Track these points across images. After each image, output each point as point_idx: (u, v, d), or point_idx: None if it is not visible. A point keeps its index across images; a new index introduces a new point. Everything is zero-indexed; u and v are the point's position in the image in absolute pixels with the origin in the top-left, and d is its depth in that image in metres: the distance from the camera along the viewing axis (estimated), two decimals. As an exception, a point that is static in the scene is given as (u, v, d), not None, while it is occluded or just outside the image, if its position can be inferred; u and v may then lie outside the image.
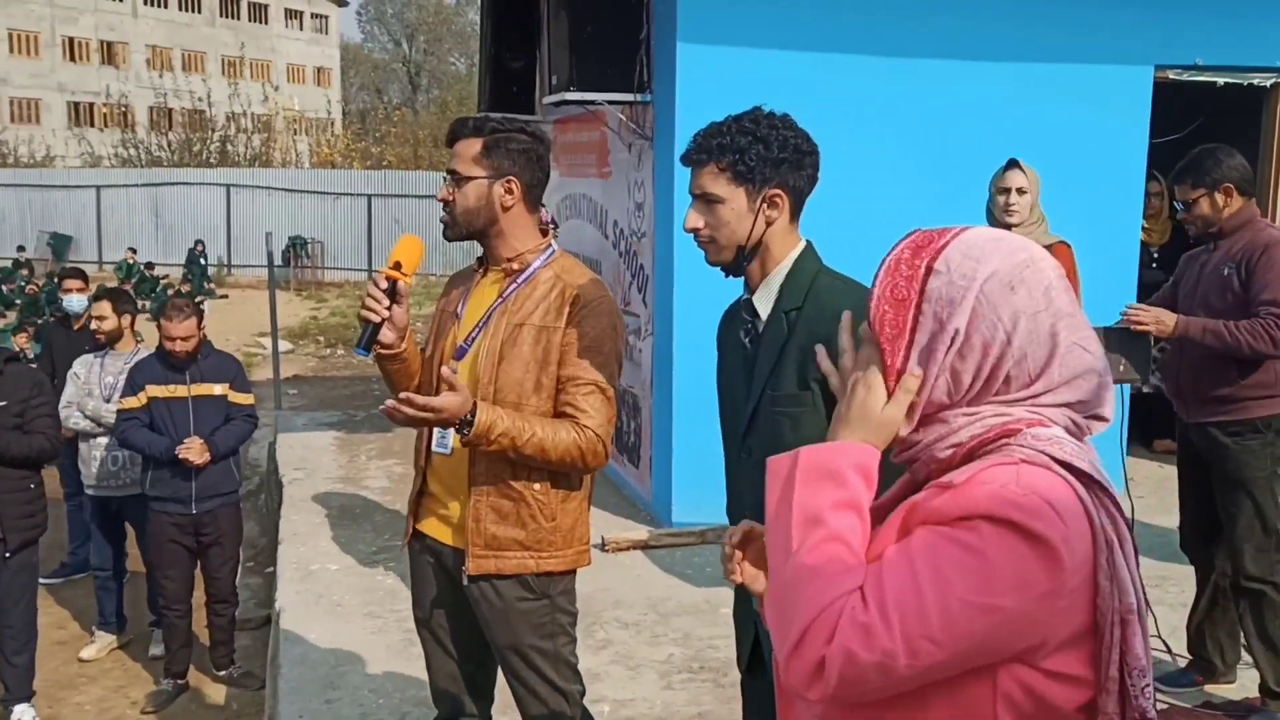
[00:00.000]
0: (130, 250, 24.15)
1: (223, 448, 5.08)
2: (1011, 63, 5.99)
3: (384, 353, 2.66)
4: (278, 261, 16.42)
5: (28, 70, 42.12)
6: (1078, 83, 6.05)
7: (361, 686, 4.22)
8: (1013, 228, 4.14)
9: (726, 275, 2.32)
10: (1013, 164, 4.31)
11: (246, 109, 36.13)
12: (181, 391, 5.06)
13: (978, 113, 5.92)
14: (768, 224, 2.24)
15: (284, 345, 14.09)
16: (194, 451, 4.96)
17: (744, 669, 2.42)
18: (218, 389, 5.14)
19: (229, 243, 27.12)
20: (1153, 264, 7.09)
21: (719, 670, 4.26)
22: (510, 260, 2.67)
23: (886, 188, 5.70)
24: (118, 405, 5.17)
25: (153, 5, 46.45)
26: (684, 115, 5.58)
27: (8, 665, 4.79)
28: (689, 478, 5.76)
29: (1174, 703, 3.98)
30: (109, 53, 44.81)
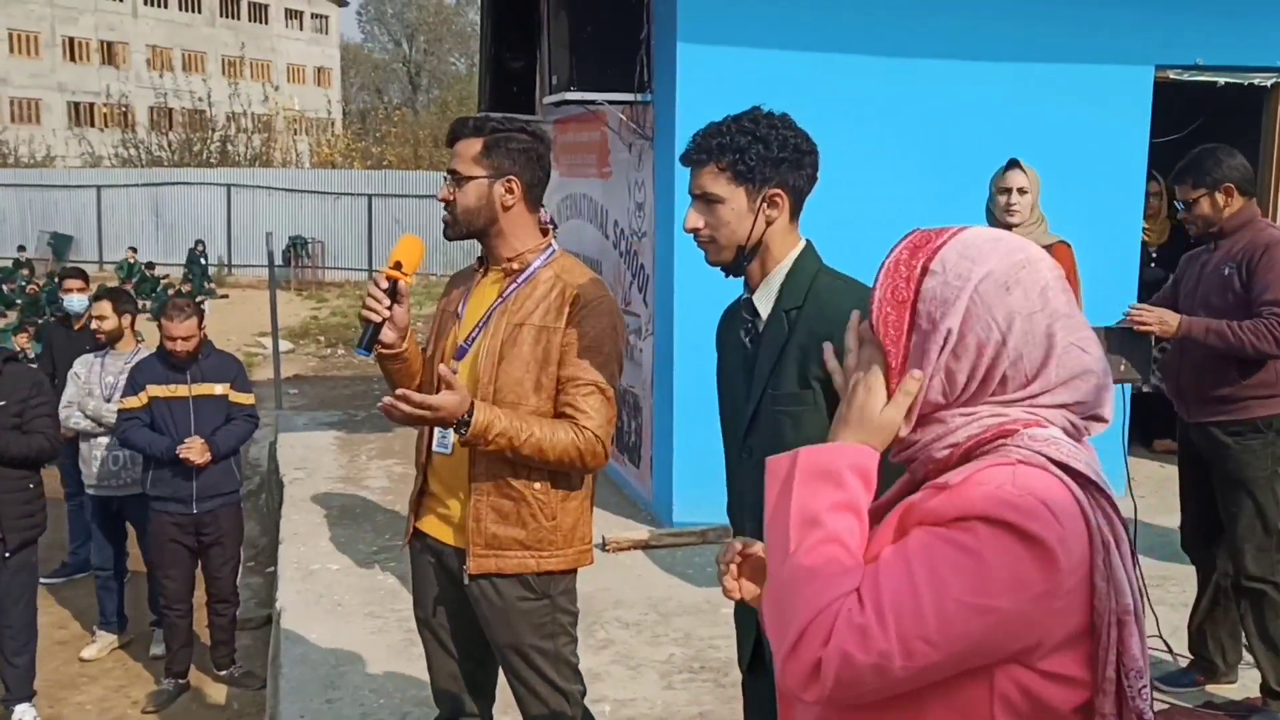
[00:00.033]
0: (131, 250, 24.15)
1: (223, 447, 5.08)
2: (1011, 63, 5.99)
3: (385, 352, 2.66)
4: (278, 261, 16.39)
5: (28, 70, 42.12)
6: (1078, 83, 6.05)
7: (362, 686, 4.22)
8: (1014, 228, 4.14)
9: (727, 275, 2.32)
10: (1013, 164, 4.31)
11: (247, 109, 36.14)
12: (182, 391, 5.07)
13: (978, 113, 5.92)
14: (768, 224, 2.24)
15: (284, 345, 14.10)
16: (195, 451, 4.96)
17: (745, 669, 2.42)
18: (218, 389, 5.14)
19: (229, 243, 27.12)
20: (1151, 263, 7.10)
21: (720, 670, 4.26)
22: (510, 260, 2.67)
23: (886, 188, 5.70)
24: (119, 405, 5.17)
25: (153, 5, 46.45)
26: (684, 115, 5.58)
27: (8, 665, 4.79)
28: (689, 478, 5.77)
29: (1175, 703, 3.98)
30: (109, 53, 44.81)
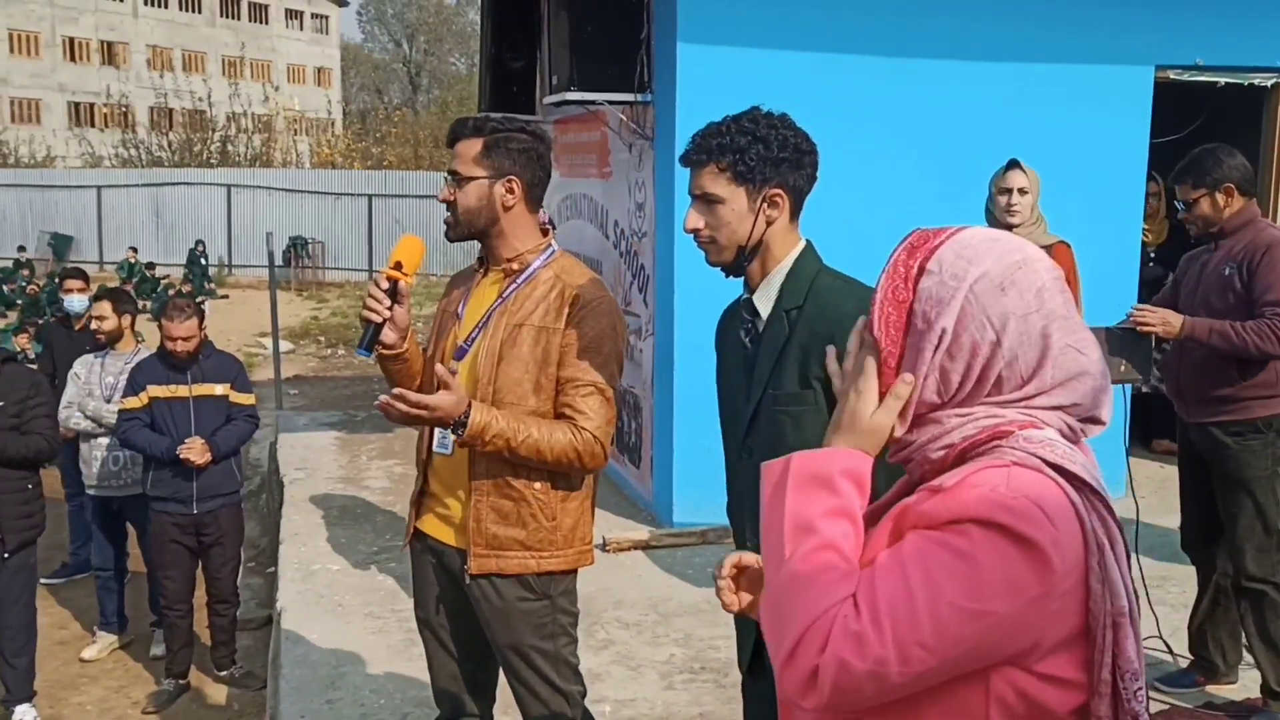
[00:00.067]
0: (131, 249, 24.14)
1: (224, 448, 5.08)
2: (1011, 63, 5.99)
3: (386, 353, 2.66)
4: (278, 261, 16.40)
5: (28, 70, 42.13)
6: (1078, 83, 6.05)
7: (362, 686, 4.22)
8: (1014, 228, 4.14)
9: (727, 275, 2.32)
10: (1014, 164, 4.30)
11: (247, 109, 36.13)
12: (183, 391, 5.07)
13: (978, 113, 5.92)
14: (768, 224, 2.24)
15: (285, 345, 14.10)
16: (195, 451, 4.96)
17: (745, 670, 2.42)
18: (219, 389, 5.14)
19: (230, 243, 27.11)
20: (1150, 262, 7.10)
21: (720, 671, 4.26)
22: (510, 260, 2.67)
23: (886, 188, 5.71)
24: (119, 405, 5.17)
25: (153, 5, 46.45)
26: (684, 115, 5.58)
27: (8, 667, 4.79)
28: (690, 478, 5.77)
29: (1175, 703, 3.98)
30: (109, 53, 44.80)
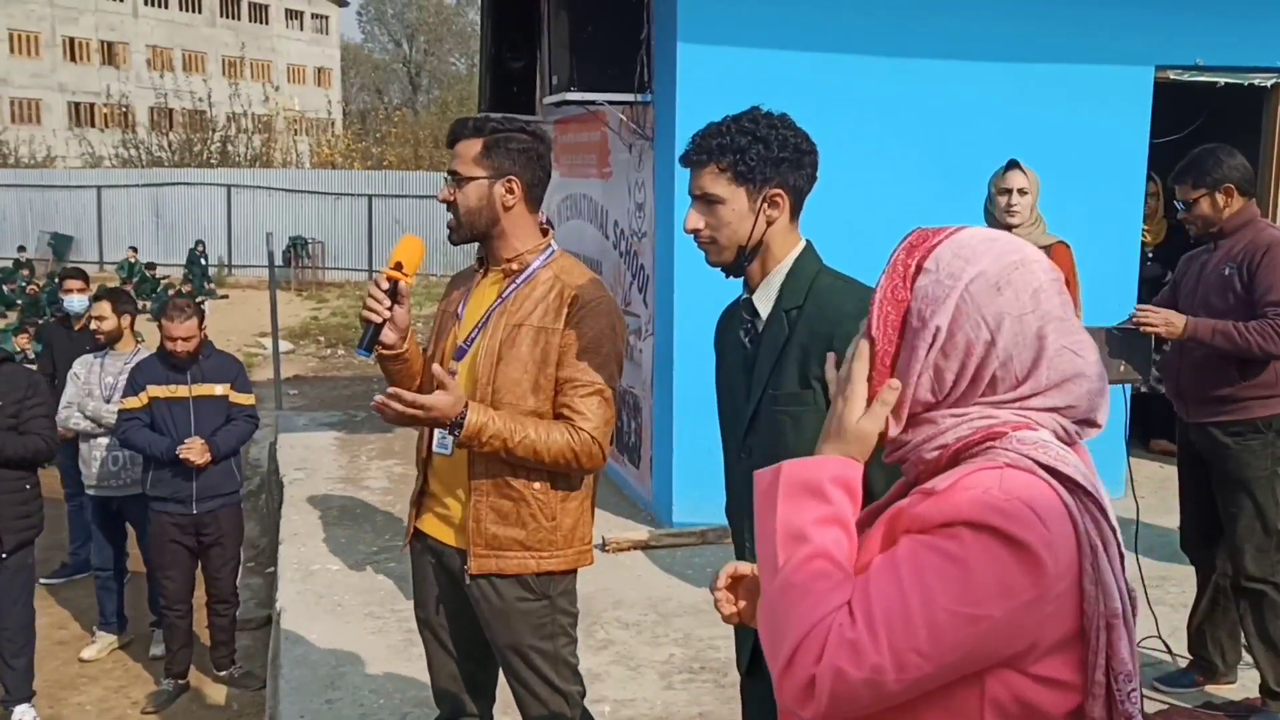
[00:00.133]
0: (132, 249, 24.15)
1: (224, 448, 5.08)
2: (1011, 63, 5.99)
3: (386, 353, 2.66)
4: (278, 261, 16.39)
5: (28, 70, 42.12)
6: (1078, 83, 6.05)
7: (362, 687, 4.22)
8: (1013, 229, 4.14)
9: (727, 276, 2.32)
10: (1013, 164, 4.30)
11: (247, 109, 36.13)
12: (182, 392, 5.06)
13: (978, 113, 5.92)
14: (768, 224, 2.24)
15: (284, 345, 14.10)
16: (195, 452, 4.96)
17: (744, 672, 2.42)
18: (219, 389, 5.14)
19: (230, 243, 27.11)
20: (1147, 262, 7.10)
21: (720, 671, 4.26)
22: (510, 260, 2.67)
23: (886, 188, 5.71)
24: (119, 405, 5.17)
25: (153, 5, 46.44)
26: (684, 115, 5.58)
27: (7, 668, 4.78)
28: (689, 478, 5.77)
29: (1174, 703, 3.98)
30: (109, 53, 44.80)
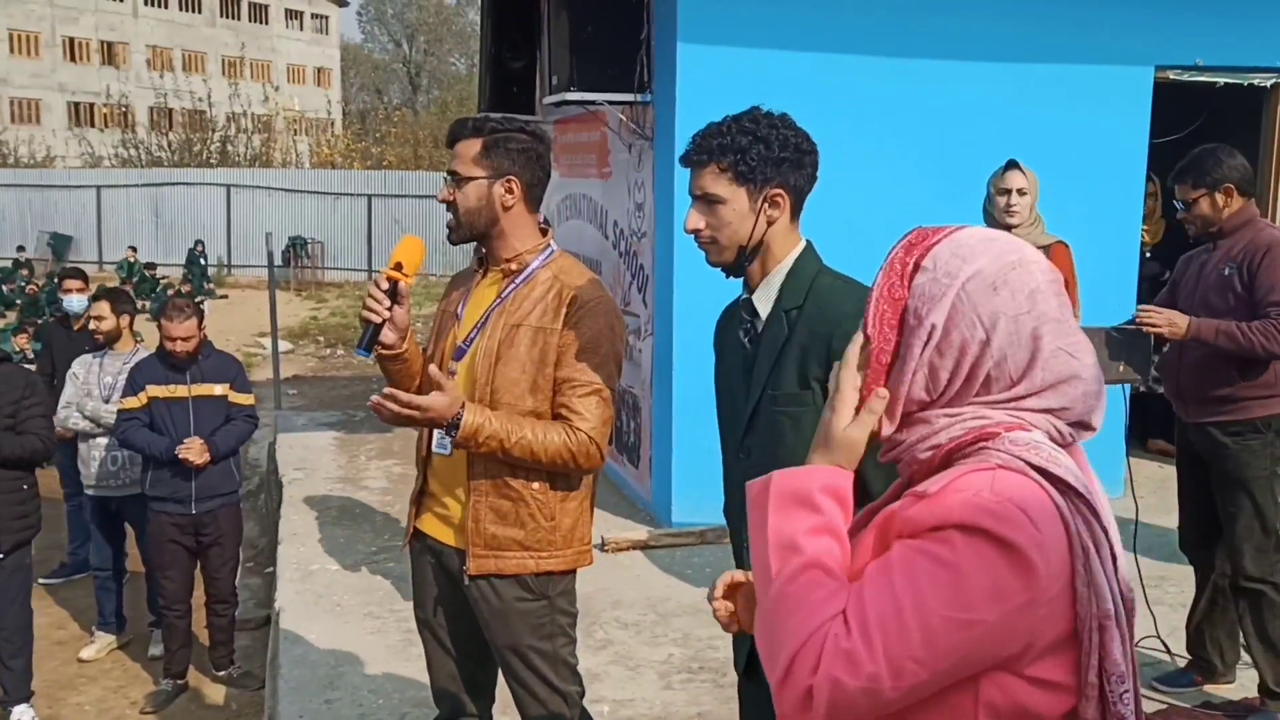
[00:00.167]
0: (131, 249, 24.15)
1: (223, 448, 5.08)
2: (1011, 63, 5.99)
3: (385, 353, 2.66)
4: (278, 262, 16.40)
5: (28, 70, 42.11)
6: (1078, 83, 6.05)
7: (361, 687, 4.22)
8: (1013, 229, 4.14)
9: (727, 276, 2.32)
10: (1012, 165, 4.30)
11: (247, 109, 36.13)
12: (182, 392, 5.06)
13: (978, 113, 5.92)
14: (769, 224, 2.24)
15: (284, 345, 14.09)
16: (194, 452, 4.96)
17: (741, 673, 2.41)
18: (218, 389, 5.14)
19: (229, 243, 27.11)
20: (1146, 261, 7.09)
21: (718, 671, 4.26)
22: (509, 261, 2.66)
23: (886, 188, 5.71)
24: (118, 405, 5.17)
25: (153, 5, 46.44)
26: (684, 115, 5.58)
27: (5, 669, 4.78)
28: (689, 478, 5.76)
29: (1173, 703, 3.98)
30: (109, 53, 44.79)
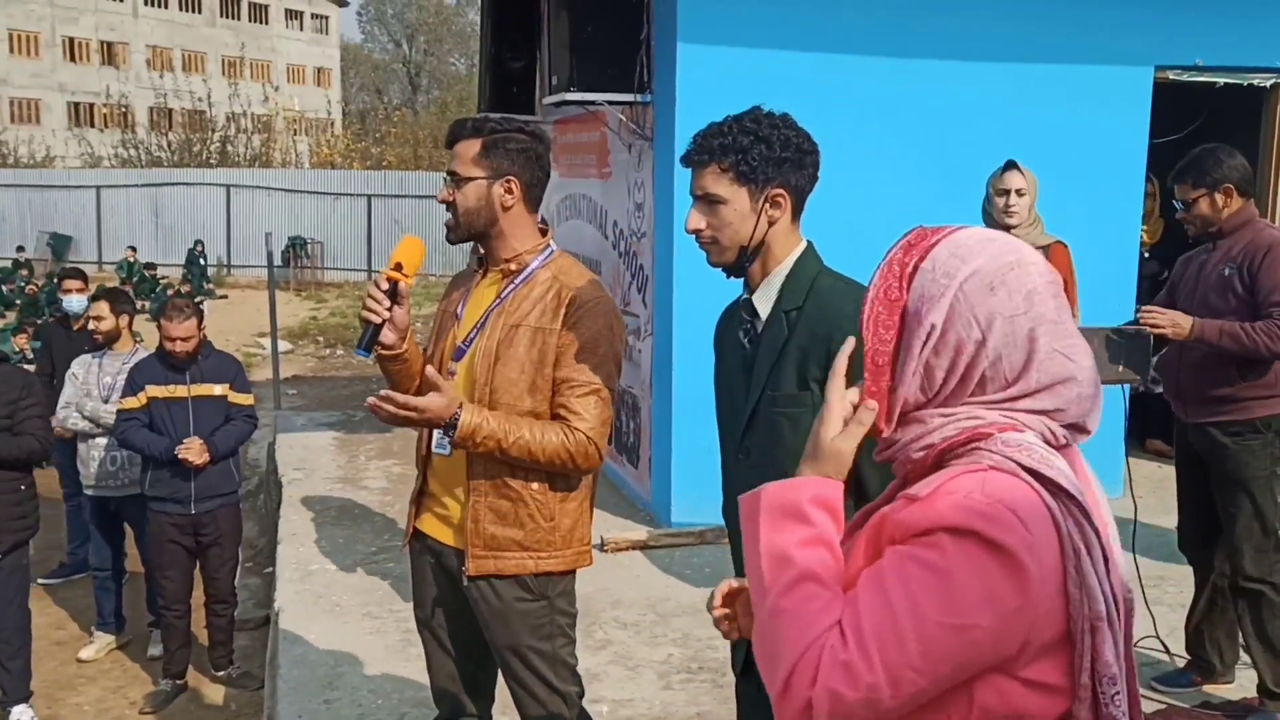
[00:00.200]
0: (131, 249, 24.15)
1: (222, 448, 5.08)
2: (1011, 63, 5.99)
3: (385, 354, 2.66)
4: (277, 262, 16.41)
5: (28, 70, 42.10)
6: (1078, 83, 6.05)
7: (360, 687, 4.22)
8: (1012, 229, 4.14)
9: (728, 276, 2.31)
10: (1011, 165, 4.30)
11: (246, 109, 36.12)
12: (181, 392, 5.06)
13: (978, 113, 5.91)
14: (770, 224, 2.23)
15: (283, 345, 14.09)
16: (193, 452, 4.96)
17: (739, 673, 2.41)
18: (218, 389, 5.14)
19: (229, 243, 27.11)
20: (1144, 260, 7.09)
21: (718, 671, 4.26)
22: (509, 261, 2.66)
23: (886, 188, 5.70)
24: (118, 405, 5.17)
25: (153, 5, 46.43)
26: (684, 115, 5.58)
27: (3, 669, 4.78)
28: (688, 478, 5.76)
29: (1172, 703, 3.98)
30: (109, 53, 44.78)
